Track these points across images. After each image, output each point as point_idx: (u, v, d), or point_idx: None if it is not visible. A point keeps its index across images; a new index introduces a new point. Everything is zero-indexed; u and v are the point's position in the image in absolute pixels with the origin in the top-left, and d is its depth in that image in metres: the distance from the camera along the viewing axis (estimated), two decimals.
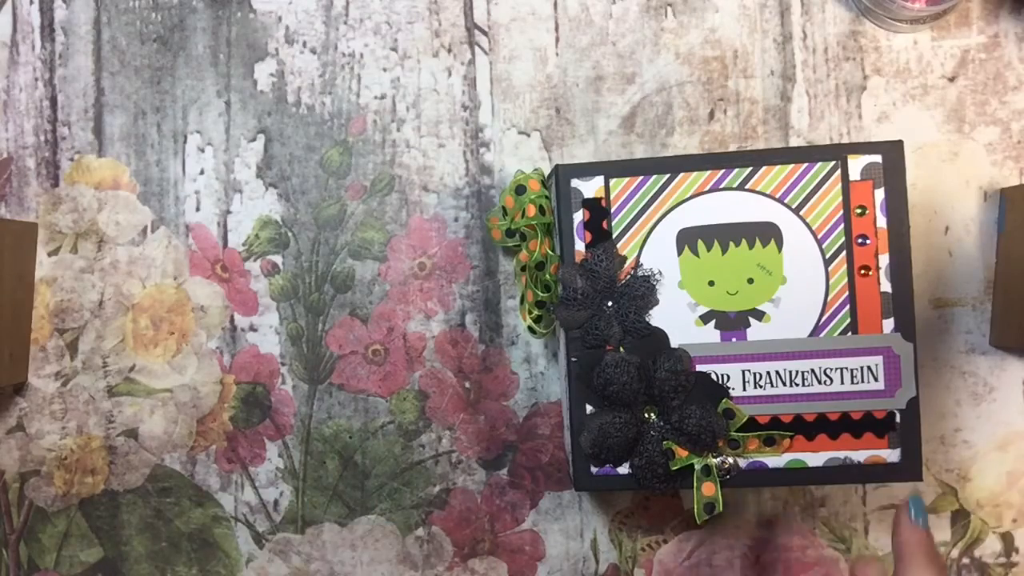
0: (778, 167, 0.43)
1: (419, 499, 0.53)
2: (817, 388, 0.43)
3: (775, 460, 0.43)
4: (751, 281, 0.43)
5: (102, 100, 0.54)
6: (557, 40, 0.53)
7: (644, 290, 0.43)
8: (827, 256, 0.43)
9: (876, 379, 0.42)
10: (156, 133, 0.54)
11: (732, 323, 0.43)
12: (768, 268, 0.43)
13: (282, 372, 0.53)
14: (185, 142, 0.54)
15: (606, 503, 0.53)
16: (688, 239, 0.43)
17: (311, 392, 0.53)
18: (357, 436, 0.53)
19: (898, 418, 0.43)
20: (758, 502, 0.52)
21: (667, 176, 0.43)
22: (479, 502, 0.53)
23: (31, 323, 0.53)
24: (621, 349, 0.43)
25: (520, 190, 0.47)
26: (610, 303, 0.43)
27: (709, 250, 0.43)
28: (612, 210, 0.44)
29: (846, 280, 0.43)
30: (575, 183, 0.44)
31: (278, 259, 0.53)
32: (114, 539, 0.54)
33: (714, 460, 0.43)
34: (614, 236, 0.44)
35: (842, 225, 0.43)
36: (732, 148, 0.52)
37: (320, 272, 0.53)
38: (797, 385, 0.43)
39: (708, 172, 0.43)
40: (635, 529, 0.53)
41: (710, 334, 0.43)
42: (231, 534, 0.54)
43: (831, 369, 0.43)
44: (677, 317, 0.43)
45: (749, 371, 0.43)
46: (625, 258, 0.43)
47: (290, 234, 0.53)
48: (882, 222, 0.42)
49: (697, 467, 0.43)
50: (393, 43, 0.53)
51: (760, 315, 0.43)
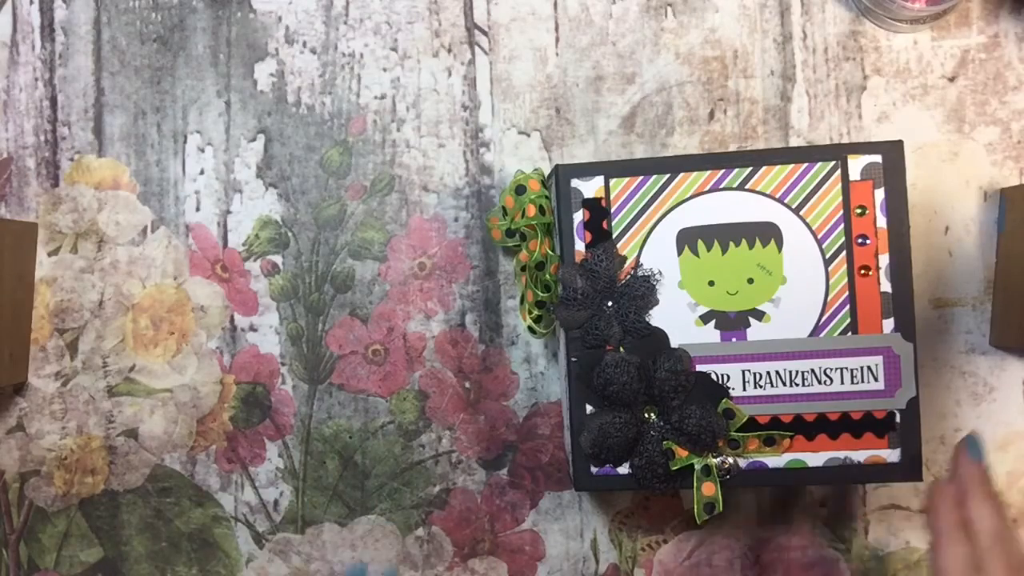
0: (778, 167, 0.43)
1: (419, 499, 0.53)
2: (817, 388, 0.43)
3: (775, 460, 0.43)
4: (751, 281, 0.43)
5: (102, 100, 0.54)
6: (557, 40, 0.53)
7: (644, 290, 0.43)
8: (827, 256, 0.43)
9: (876, 379, 0.42)
10: (156, 133, 0.54)
11: (732, 323, 0.43)
12: (768, 268, 0.43)
13: (282, 372, 0.53)
14: (185, 142, 0.54)
15: (606, 503, 0.53)
16: (688, 239, 0.43)
17: (311, 392, 0.53)
18: (357, 436, 0.53)
19: (898, 418, 0.43)
20: (758, 502, 0.52)
21: (667, 176, 0.43)
22: (479, 502, 0.53)
23: (31, 323, 0.53)
24: (621, 349, 0.43)
25: (520, 190, 0.47)
26: (610, 303, 0.43)
27: (709, 250, 0.43)
28: (612, 210, 0.44)
29: (846, 280, 0.43)
30: (575, 183, 0.44)
31: (278, 259, 0.53)
32: (114, 539, 0.54)
33: (714, 460, 0.43)
34: (614, 236, 0.43)
35: (842, 225, 0.43)
36: (732, 148, 0.52)
37: (320, 272, 0.53)
38: (797, 385, 0.43)
39: (708, 172, 0.43)
40: (635, 529, 0.53)
41: (710, 334, 0.43)
42: (231, 534, 0.54)
43: (831, 369, 0.43)
44: (677, 317, 0.43)
45: (749, 371, 0.43)
46: (625, 258, 0.43)
47: (290, 234, 0.53)
48: (882, 222, 0.42)
49: (697, 467, 0.43)
50: (393, 43, 0.53)
51: (760, 315, 0.43)
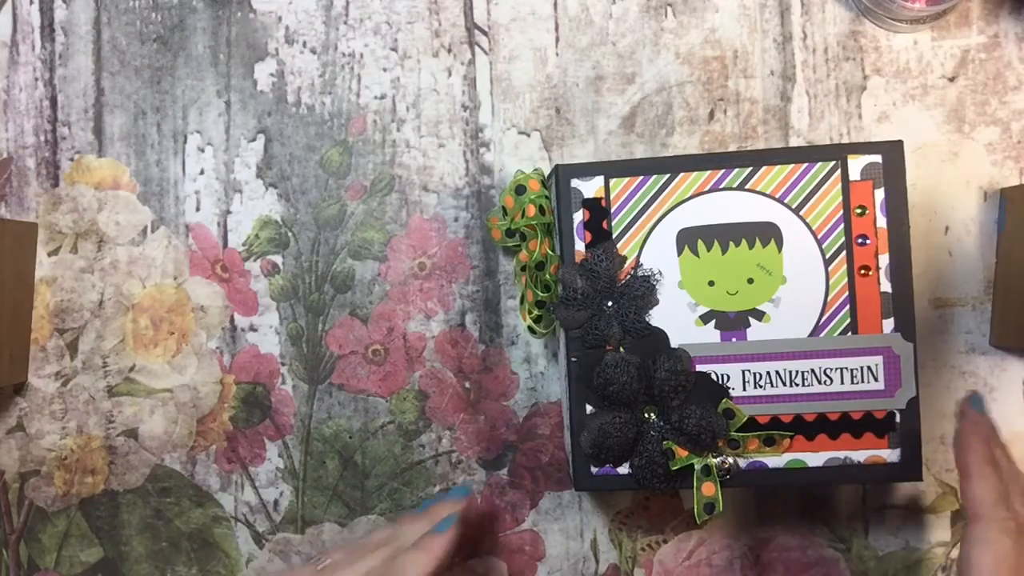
0: (778, 167, 0.43)
1: (419, 499, 0.53)
2: (817, 388, 0.43)
3: (775, 460, 0.43)
4: (751, 281, 0.43)
5: (102, 100, 0.54)
6: (557, 40, 0.53)
7: (644, 290, 0.43)
8: (827, 256, 0.43)
9: (876, 379, 0.42)
10: (156, 133, 0.54)
11: (732, 323, 0.43)
12: (768, 268, 0.43)
13: (282, 372, 0.53)
14: (185, 142, 0.54)
15: (606, 503, 0.53)
16: (688, 239, 0.43)
17: (311, 392, 0.53)
18: (357, 436, 0.53)
19: (898, 418, 0.43)
20: (758, 502, 0.52)
21: (667, 176, 0.43)
22: (479, 502, 0.53)
23: (31, 323, 0.53)
24: (621, 349, 0.43)
25: (520, 190, 0.47)
26: (610, 303, 0.43)
27: (709, 250, 0.43)
28: (612, 210, 0.44)
29: (846, 280, 0.43)
30: (575, 183, 0.44)
31: (278, 259, 0.53)
32: (114, 539, 0.54)
33: (714, 460, 0.43)
34: (614, 236, 0.43)
35: (842, 225, 0.43)
36: (732, 148, 0.52)
37: (320, 272, 0.53)
38: (797, 385, 0.43)
39: (708, 172, 0.43)
40: (635, 529, 0.53)
41: (710, 334, 0.43)
42: (231, 534, 0.54)
43: (831, 369, 0.43)
44: (677, 317, 0.43)
45: (749, 371, 0.43)
46: (625, 258, 0.43)
47: (290, 234, 0.53)
48: (882, 222, 0.42)
49: (697, 467, 0.43)
50: (393, 43, 0.53)
51: (760, 315, 0.43)
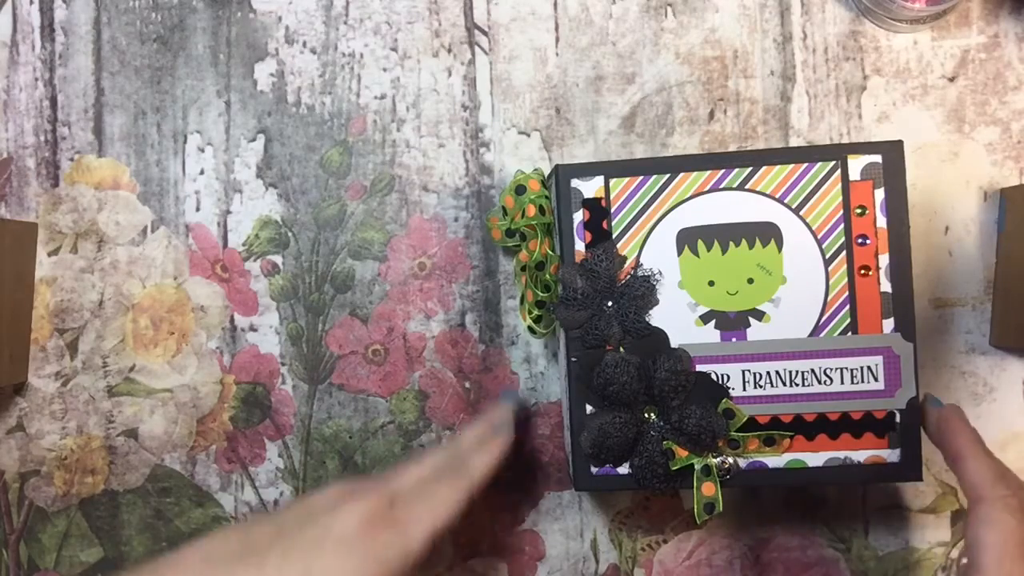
0: (778, 167, 0.43)
1: None
2: (817, 388, 0.43)
3: (775, 460, 0.43)
4: (751, 281, 0.43)
5: (102, 100, 0.54)
6: (557, 40, 0.53)
7: (644, 290, 0.43)
8: (827, 256, 0.43)
9: (876, 379, 0.42)
10: (156, 133, 0.54)
11: (732, 323, 0.43)
12: (768, 268, 0.43)
13: (282, 372, 0.53)
14: (185, 142, 0.54)
15: (606, 503, 0.53)
16: (688, 239, 0.43)
17: (311, 392, 0.53)
18: (357, 436, 0.53)
19: (898, 418, 0.43)
20: (758, 502, 0.52)
21: (667, 176, 0.43)
22: (479, 502, 0.53)
23: (31, 323, 0.53)
24: (621, 349, 0.43)
25: (520, 190, 0.47)
26: (610, 303, 0.43)
27: (709, 250, 0.43)
28: (612, 210, 0.44)
29: (846, 280, 0.43)
30: (575, 183, 0.44)
31: (278, 259, 0.53)
32: (114, 539, 0.54)
33: (714, 460, 0.43)
34: (614, 236, 0.43)
35: (842, 225, 0.43)
36: (732, 148, 0.52)
37: (320, 272, 0.53)
38: (797, 385, 0.43)
39: (708, 172, 0.43)
40: (635, 529, 0.53)
41: (710, 334, 0.43)
42: None
43: (831, 369, 0.43)
44: (677, 317, 0.43)
45: (749, 371, 0.43)
46: (625, 258, 0.43)
47: (290, 234, 0.53)
48: (882, 222, 0.42)
49: (697, 467, 0.43)
50: (393, 43, 0.53)
51: (760, 315, 0.43)
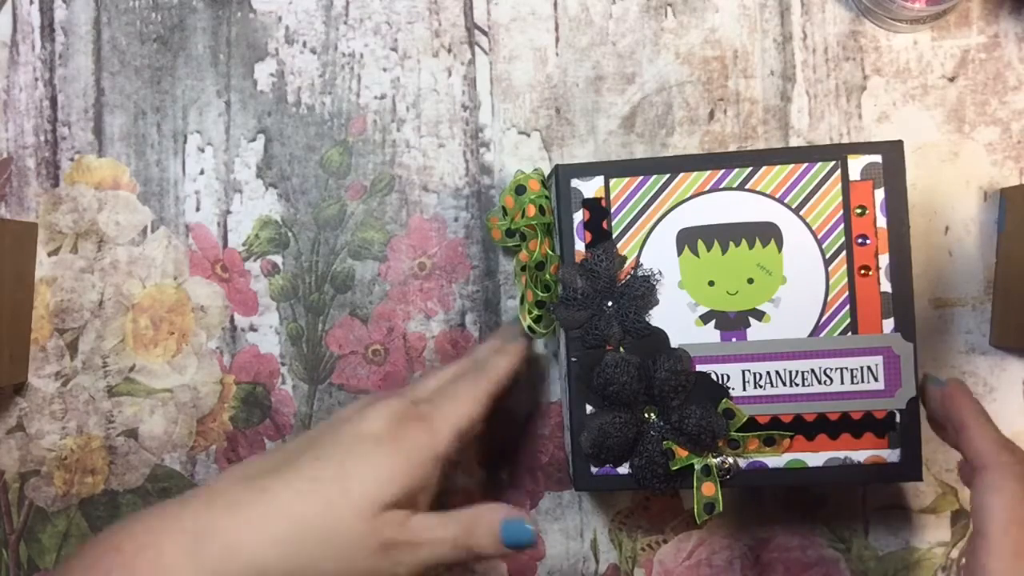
0: (778, 167, 0.43)
1: None
2: (817, 388, 0.43)
3: (775, 460, 0.43)
4: (751, 281, 0.43)
5: (102, 100, 0.54)
6: (557, 40, 0.53)
7: (644, 290, 0.43)
8: (827, 256, 0.43)
9: (876, 379, 0.42)
10: (156, 133, 0.54)
11: (732, 323, 0.43)
12: (768, 268, 0.43)
13: (282, 372, 0.53)
14: (185, 142, 0.54)
15: (606, 503, 0.53)
16: (688, 239, 0.43)
17: (311, 392, 0.53)
18: None
19: (898, 418, 0.43)
20: (758, 502, 0.52)
21: (667, 176, 0.43)
22: (479, 502, 0.53)
23: (31, 323, 0.53)
24: (621, 349, 0.43)
25: (520, 190, 0.47)
26: (610, 303, 0.43)
27: (709, 250, 0.43)
28: (612, 210, 0.44)
29: (846, 280, 0.43)
30: (575, 183, 0.44)
31: (278, 259, 0.53)
32: None
33: (714, 460, 0.43)
34: (614, 236, 0.43)
35: (842, 225, 0.43)
36: (732, 148, 0.52)
37: (320, 272, 0.53)
38: (797, 385, 0.43)
39: (708, 172, 0.43)
40: (635, 529, 0.53)
41: (710, 334, 0.43)
42: None
43: (831, 369, 0.43)
44: (677, 317, 0.43)
45: (749, 371, 0.43)
46: (625, 258, 0.43)
47: (290, 234, 0.53)
48: (882, 222, 0.42)
49: (697, 467, 0.43)
50: (393, 43, 0.53)
51: (760, 315, 0.43)
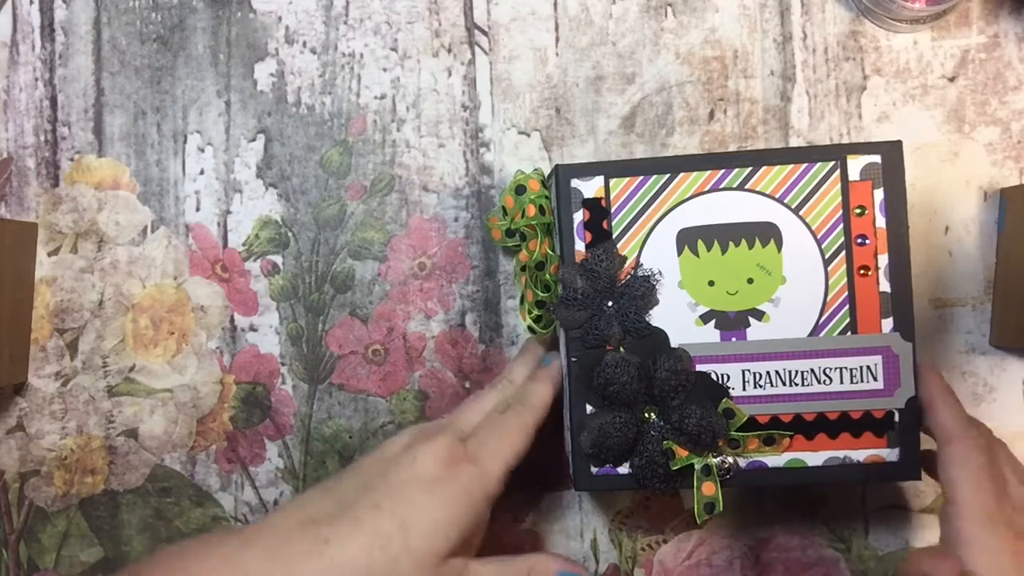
0: (778, 167, 0.43)
1: None
2: (816, 388, 0.43)
3: (775, 459, 0.43)
4: (751, 281, 0.43)
5: (102, 100, 0.54)
6: (557, 40, 0.53)
7: (644, 290, 0.43)
8: (826, 256, 0.43)
9: (875, 379, 0.42)
10: (156, 133, 0.54)
11: (732, 323, 0.43)
12: (768, 268, 0.43)
13: (282, 372, 0.53)
14: (185, 142, 0.54)
15: (606, 503, 0.53)
16: (688, 239, 0.43)
17: (311, 392, 0.53)
18: (357, 436, 0.53)
19: (897, 417, 0.43)
20: (758, 502, 0.52)
21: (667, 176, 0.43)
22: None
23: (31, 323, 0.53)
24: (621, 349, 0.43)
25: (520, 190, 0.47)
26: (610, 303, 0.43)
27: (709, 250, 0.43)
28: (612, 210, 0.44)
29: (845, 280, 0.43)
30: (575, 183, 0.44)
31: (278, 259, 0.53)
32: (114, 539, 0.54)
33: (714, 460, 0.43)
34: (614, 236, 0.44)
35: (841, 225, 0.43)
36: (732, 148, 0.52)
37: (320, 272, 0.53)
38: (797, 385, 0.43)
39: (708, 172, 0.43)
40: (635, 529, 0.53)
41: (710, 334, 0.43)
42: None
43: (830, 369, 0.43)
44: (677, 317, 0.43)
45: (749, 371, 0.43)
46: (625, 258, 0.43)
47: (290, 234, 0.53)
48: (881, 222, 0.42)
49: (697, 467, 0.43)
50: (393, 43, 0.53)
51: (760, 315, 0.43)
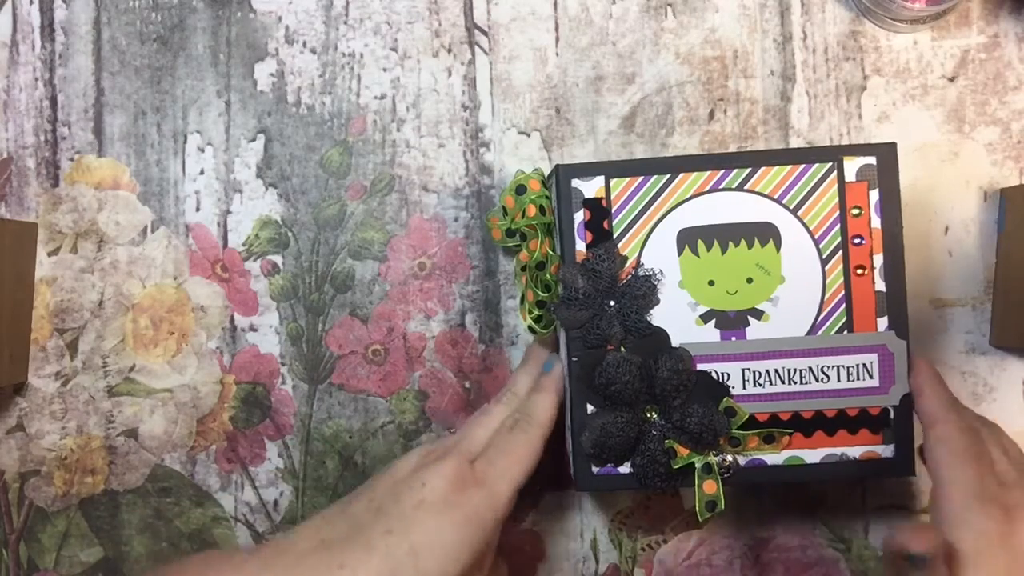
0: (776, 168, 0.43)
1: None
2: (814, 386, 0.43)
3: (774, 457, 0.43)
4: (750, 281, 0.43)
5: (102, 100, 0.54)
6: (557, 40, 0.53)
7: (645, 290, 0.43)
8: (824, 256, 0.43)
9: (871, 376, 0.43)
10: (156, 133, 0.54)
11: (732, 322, 0.43)
12: (767, 268, 0.43)
13: (282, 372, 0.53)
14: (185, 142, 0.54)
15: (606, 503, 0.53)
16: (688, 239, 0.43)
17: (311, 392, 0.53)
18: (357, 436, 0.53)
19: (892, 414, 0.43)
20: (758, 502, 0.52)
21: (667, 176, 0.43)
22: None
23: (31, 323, 0.53)
24: (622, 349, 0.43)
25: (520, 190, 0.47)
26: (612, 303, 0.43)
27: (709, 250, 0.43)
28: (613, 210, 0.44)
29: (842, 279, 0.43)
30: (575, 183, 0.44)
31: (278, 259, 0.53)
32: (114, 539, 0.54)
33: (715, 458, 0.43)
34: (615, 236, 0.44)
35: (838, 225, 0.43)
36: (732, 148, 0.52)
37: (320, 272, 0.53)
38: (795, 383, 0.43)
39: (708, 172, 0.43)
40: (635, 529, 0.53)
41: (710, 333, 0.43)
42: (231, 534, 0.54)
43: (828, 367, 0.43)
44: (678, 316, 0.43)
45: (749, 370, 0.43)
46: (626, 258, 0.44)
47: (290, 234, 0.53)
48: (877, 223, 0.43)
49: (698, 465, 0.43)
50: (393, 43, 0.53)
51: (759, 314, 0.43)
